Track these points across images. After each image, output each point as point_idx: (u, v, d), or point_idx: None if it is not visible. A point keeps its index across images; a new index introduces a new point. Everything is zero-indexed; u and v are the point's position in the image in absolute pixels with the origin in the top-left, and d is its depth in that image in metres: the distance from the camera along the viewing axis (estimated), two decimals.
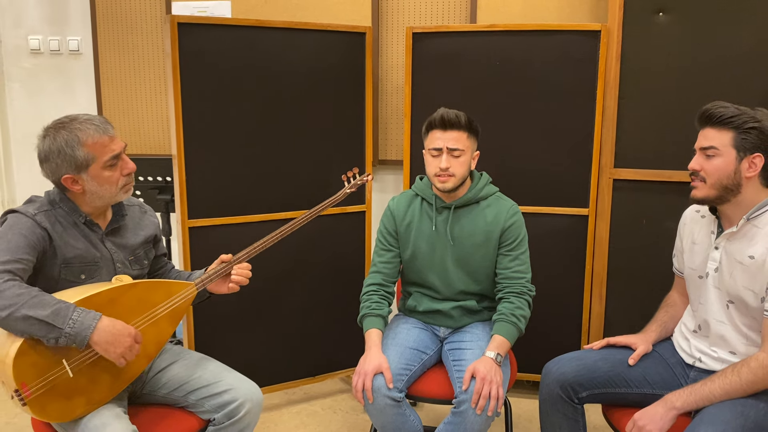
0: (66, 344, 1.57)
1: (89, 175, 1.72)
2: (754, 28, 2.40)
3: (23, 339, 1.56)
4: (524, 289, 2.11)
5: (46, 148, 1.71)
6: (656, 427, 1.67)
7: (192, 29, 2.41)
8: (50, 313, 1.55)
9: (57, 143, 1.69)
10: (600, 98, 2.58)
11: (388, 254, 2.23)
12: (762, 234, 1.71)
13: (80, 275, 1.75)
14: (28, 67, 3.45)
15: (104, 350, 1.61)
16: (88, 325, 1.58)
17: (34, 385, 1.58)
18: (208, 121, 2.50)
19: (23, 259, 1.63)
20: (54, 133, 1.71)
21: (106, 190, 1.75)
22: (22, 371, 1.56)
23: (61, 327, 1.55)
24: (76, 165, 1.70)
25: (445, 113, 2.05)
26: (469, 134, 2.08)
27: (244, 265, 1.96)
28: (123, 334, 1.63)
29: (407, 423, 1.97)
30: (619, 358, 1.92)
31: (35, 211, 1.71)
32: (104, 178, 1.74)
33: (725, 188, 1.73)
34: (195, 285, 1.87)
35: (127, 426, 1.64)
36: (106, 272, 1.81)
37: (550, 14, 2.94)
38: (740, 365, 1.68)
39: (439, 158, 2.07)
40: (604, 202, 2.65)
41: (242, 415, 1.83)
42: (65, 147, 1.69)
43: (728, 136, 1.71)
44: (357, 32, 2.72)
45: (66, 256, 1.73)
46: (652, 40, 2.50)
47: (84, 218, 1.78)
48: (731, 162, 1.71)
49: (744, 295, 1.73)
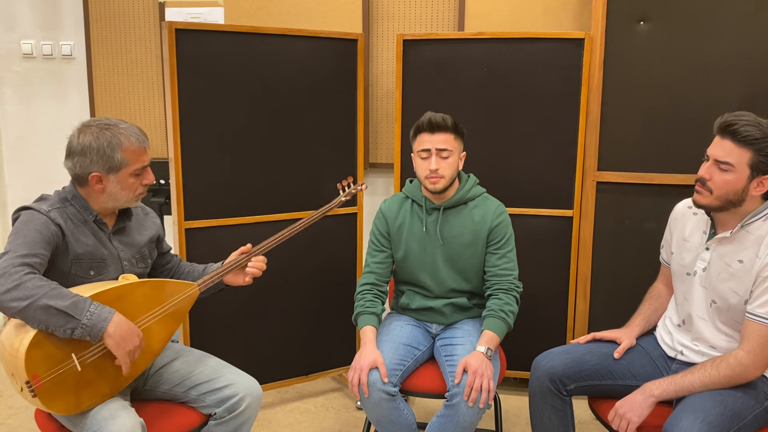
0: (81, 336, 1.62)
1: (117, 178, 1.80)
2: (731, 36, 2.50)
3: (35, 331, 1.60)
4: (512, 286, 2.19)
5: (85, 142, 1.77)
6: (635, 414, 1.75)
7: (189, 35, 2.47)
8: (70, 304, 1.60)
9: (99, 141, 1.76)
10: (584, 103, 2.67)
11: (381, 255, 2.30)
12: (752, 239, 1.77)
13: (89, 271, 1.81)
14: (21, 72, 3.47)
15: (116, 344, 1.65)
16: (105, 317, 1.63)
17: (45, 377, 1.62)
18: (204, 125, 2.55)
19: (40, 254, 1.68)
20: (98, 132, 1.77)
21: (124, 194, 1.83)
22: (33, 363, 1.60)
23: (79, 318, 1.60)
24: (110, 166, 1.78)
25: (432, 117, 2.13)
26: (455, 136, 2.16)
27: (261, 258, 2.04)
28: (133, 333, 1.69)
29: (401, 417, 2.04)
30: (605, 351, 2.00)
31: (49, 208, 1.76)
32: (128, 184, 1.82)
33: (729, 202, 1.76)
34: (198, 285, 1.93)
35: (135, 418, 1.68)
36: (114, 269, 1.86)
37: (536, 22, 3.03)
38: (719, 360, 1.76)
39: (428, 160, 2.14)
40: (588, 204, 2.73)
41: (243, 409, 1.88)
42: (106, 147, 1.76)
43: (747, 155, 1.71)
44: (349, 39, 2.79)
45: (77, 252, 1.78)
46: (634, 47, 2.59)
47: (94, 216, 1.83)
48: (742, 180, 1.73)
49: (728, 296, 1.80)
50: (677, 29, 2.54)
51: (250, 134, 2.65)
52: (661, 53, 2.57)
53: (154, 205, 3.00)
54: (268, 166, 2.71)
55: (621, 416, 1.76)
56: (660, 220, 2.66)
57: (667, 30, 2.55)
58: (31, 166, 3.58)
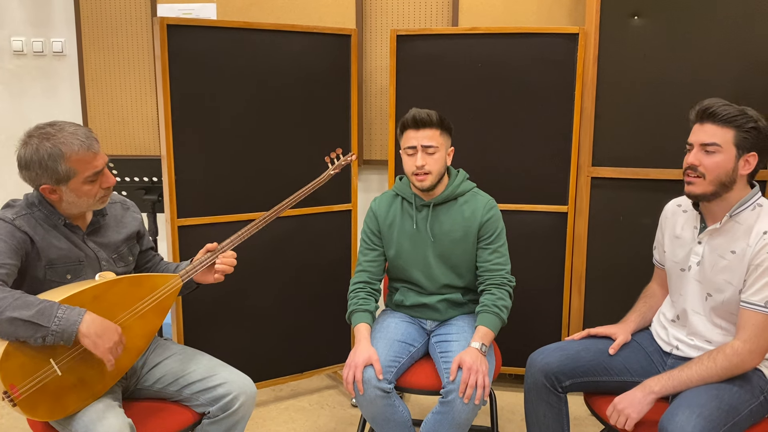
0: (53, 342, 1.57)
1: (68, 188, 1.72)
2: (725, 30, 2.50)
3: (6, 344, 1.56)
4: (505, 281, 2.18)
5: (27, 156, 1.68)
6: (635, 411, 1.74)
7: (181, 31, 2.45)
8: (35, 313, 1.55)
9: (39, 154, 1.66)
10: (578, 99, 2.67)
11: (373, 253, 2.29)
12: (743, 230, 1.78)
13: (65, 275, 1.76)
14: (11, 69, 3.44)
15: (93, 344, 1.60)
16: (74, 320, 1.58)
17: (23, 385, 1.58)
18: (197, 122, 2.54)
19: (6, 264, 1.63)
20: (37, 143, 1.67)
21: (83, 201, 1.76)
22: (9, 373, 1.56)
23: (47, 325, 1.55)
24: (56, 178, 1.69)
25: (417, 113, 2.11)
26: (441, 131, 2.14)
27: (229, 253, 1.97)
28: (109, 329, 1.64)
29: (396, 413, 2.03)
30: (600, 347, 1.99)
31: (14, 216, 1.71)
32: (83, 191, 1.73)
33: (722, 185, 1.77)
34: (180, 277, 1.88)
35: (123, 419, 1.66)
36: (92, 271, 1.82)
37: (530, 17, 3.03)
38: (716, 352, 1.76)
39: (414, 157, 2.12)
40: (582, 200, 2.73)
41: (236, 407, 1.86)
42: (47, 159, 1.66)
43: (730, 134, 1.75)
44: (342, 34, 2.77)
45: (50, 257, 1.73)
46: (628, 42, 2.59)
47: (63, 221, 1.78)
48: (731, 159, 1.76)
49: (724, 288, 1.80)
50: (671, 24, 2.54)
51: (242, 131, 2.63)
52: (655, 48, 2.57)
53: (147, 203, 2.97)
54: (261, 162, 2.69)
55: (620, 412, 1.76)
56: (655, 216, 2.65)
57: (661, 25, 2.55)
58: None
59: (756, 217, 1.78)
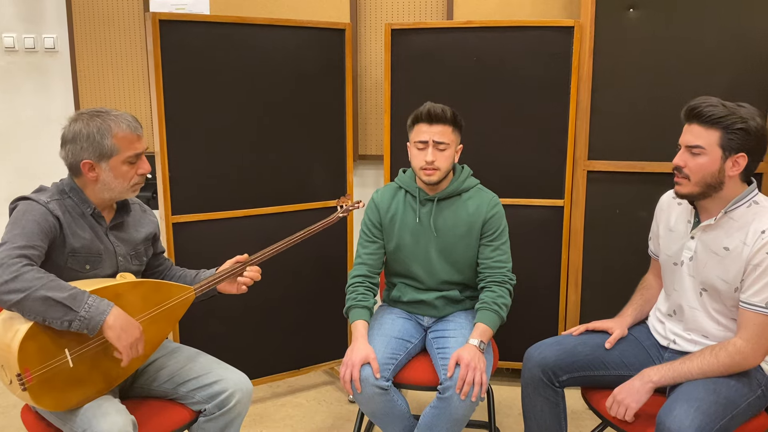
0: (78, 328, 1.59)
1: (108, 166, 1.77)
2: (721, 23, 2.49)
3: (31, 323, 1.58)
4: (505, 278, 2.18)
5: (75, 129, 1.76)
6: (634, 400, 1.74)
7: (173, 26, 2.43)
8: (68, 296, 1.58)
9: (89, 128, 1.75)
10: (574, 92, 2.66)
11: (373, 246, 2.27)
12: (737, 226, 1.77)
13: (85, 265, 1.78)
14: (3, 66, 3.41)
15: (117, 336, 1.63)
16: (103, 310, 1.61)
17: (36, 371, 1.59)
18: (190, 118, 2.52)
19: (38, 246, 1.65)
20: (88, 119, 1.76)
21: (118, 183, 1.80)
22: (26, 356, 1.58)
23: (77, 310, 1.58)
24: (100, 153, 1.75)
25: (432, 107, 2.10)
26: (453, 128, 2.13)
27: (256, 267, 2.02)
28: (133, 325, 1.67)
29: (395, 408, 2.03)
30: (597, 342, 1.99)
31: (48, 199, 1.74)
32: (121, 172, 1.79)
33: (709, 186, 1.76)
34: (194, 290, 1.91)
35: (127, 416, 1.66)
36: (109, 265, 1.84)
37: (525, 11, 3.01)
38: (718, 348, 1.75)
39: (424, 151, 2.11)
40: (578, 193, 2.73)
41: (233, 405, 1.86)
42: (96, 133, 1.75)
43: (715, 135, 1.73)
44: (337, 29, 2.75)
45: (73, 246, 1.75)
46: (624, 35, 2.58)
47: (92, 209, 1.81)
48: (716, 161, 1.74)
49: (717, 284, 1.80)
50: (666, 16, 2.53)
51: (237, 126, 2.62)
52: (650, 41, 2.56)
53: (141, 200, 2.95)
54: (256, 158, 2.67)
55: (619, 402, 1.76)
56: (651, 209, 2.64)
57: (657, 17, 2.54)
58: (14, 161, 3.53)
59: (752, 214, 1.76)
